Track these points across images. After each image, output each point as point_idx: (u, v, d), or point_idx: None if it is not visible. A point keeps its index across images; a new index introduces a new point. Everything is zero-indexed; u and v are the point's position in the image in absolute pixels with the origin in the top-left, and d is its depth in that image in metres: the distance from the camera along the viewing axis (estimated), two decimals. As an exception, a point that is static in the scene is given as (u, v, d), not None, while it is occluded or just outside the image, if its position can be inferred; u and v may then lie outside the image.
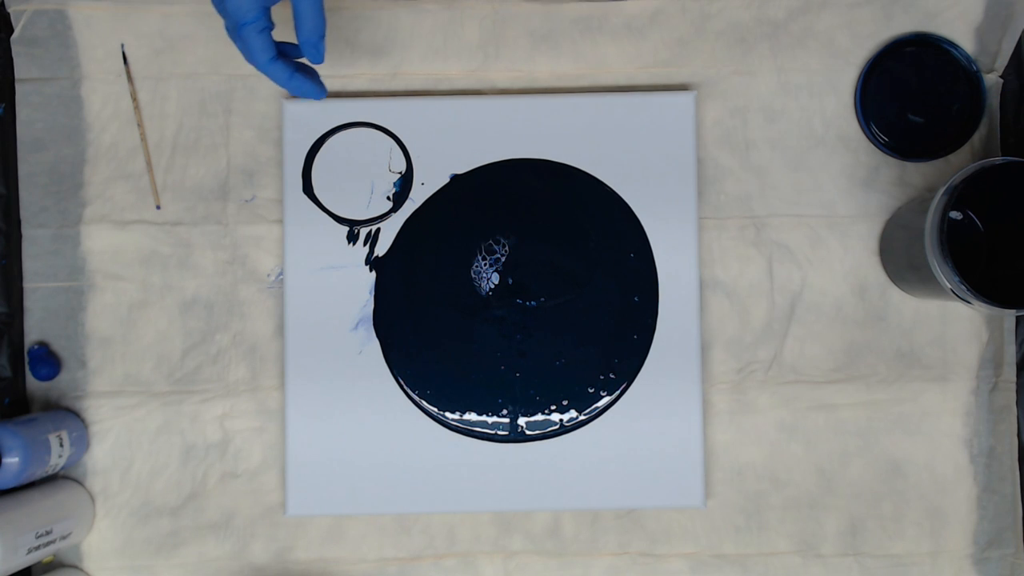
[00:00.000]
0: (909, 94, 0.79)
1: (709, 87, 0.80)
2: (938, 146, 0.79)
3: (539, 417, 0.78)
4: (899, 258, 0.76)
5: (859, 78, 0.79)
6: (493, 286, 0.78)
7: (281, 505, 0.79)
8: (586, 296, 0.78)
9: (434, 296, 0.78)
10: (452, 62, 0.80)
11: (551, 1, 0.79)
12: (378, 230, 0.79)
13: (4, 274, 0.78)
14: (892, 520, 0.79)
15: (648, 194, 0.78)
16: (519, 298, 0.78)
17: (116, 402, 0.79)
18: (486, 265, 0.78)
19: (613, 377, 0.78)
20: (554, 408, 0.78)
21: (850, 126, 0.80)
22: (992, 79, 0.79)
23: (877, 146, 0.79)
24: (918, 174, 0.79)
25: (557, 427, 0.78)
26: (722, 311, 0.79)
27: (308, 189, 0.78)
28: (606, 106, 0.78)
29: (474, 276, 0.78)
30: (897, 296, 0.79)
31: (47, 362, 0.78)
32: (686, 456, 0.77)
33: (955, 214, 0.78)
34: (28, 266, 0.79)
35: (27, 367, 0.79)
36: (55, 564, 0.78)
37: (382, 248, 0.78)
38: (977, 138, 0.79)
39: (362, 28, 0.79)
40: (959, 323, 0.79)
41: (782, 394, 0.79)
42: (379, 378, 0.78)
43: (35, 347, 0.78)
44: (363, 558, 0.79)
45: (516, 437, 0.78)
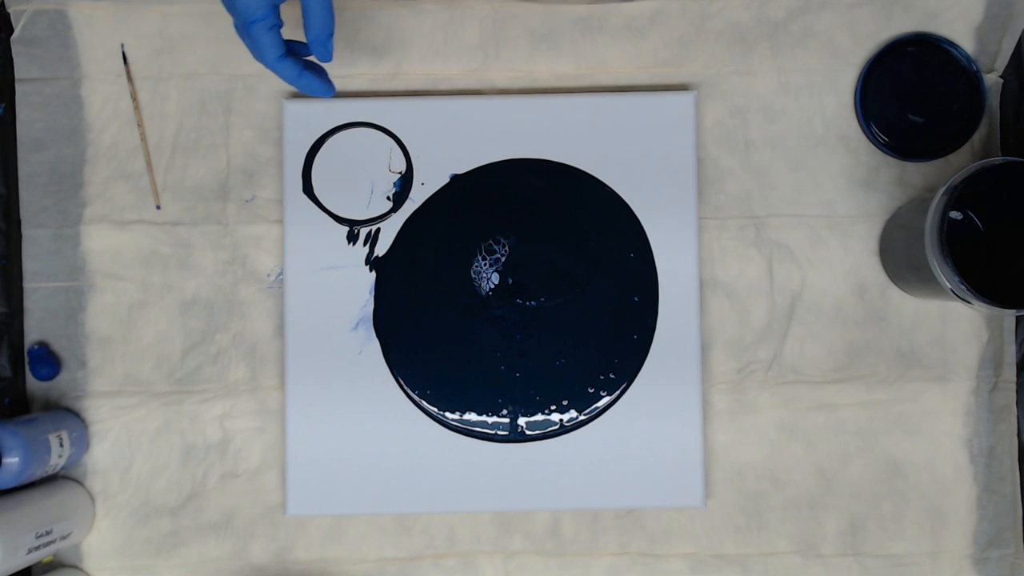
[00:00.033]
0: (909, 94, 0.79)
1: (709, 87, 0.80)
2: (938, 146, 0.79)
3: (539, 417, 0.78)
4: (899, 258, 0.76)
5: (859, 78, 0.79)
6: (493, 286, 0.78)
7: (281, 505, 0.79)
8: (586, 296, 0.78)
9: (434, 296, 0.78)
10: (452, 62, 0.80)
11: (551, 1, 0.79)
12: (378, 230, 0.79)
13: (4, 274, 0.78)
14: (892, 520, 0.79)
15: (648, 194, 0.78)
16: (519, 298, 0.78)
17: (116, 402, 0.79)
18: (486, 265, 0.78)
19: (613, 377, 0.78)
20: (554, 408, 0.78)
21: (850, 126, 0.79)
22: (992, 79, 0.79)
23: (877, 146, 0.79)
24: (918, 174, 0.79)
25: (557, 427, 0.78)
26: (722, 311, 0.79)
27: (308, 189, 0.78)
28: (606, 106, 0.78)
29: (474, 276, 0.78)
30: (897, 296, 0.79)
31: (47, 362, 0.78)
32: (686, 456, 0.77)
33: (955, 214, 0.78)
34: (28, 266, 0.79)
35: (27, 367, 0.79)
36: (55, 564, 0.78)
37: (382, 248, 0.78)
38: (977, 138, 0.79)
39: (362, 28, 0.79)
40: (959, 323, 0.79)
41: (782, 394, 0.79)
42: (379, 378, 0.78)
43: (35, 347, 0.78)
44: (363, 558, 0.79)
45: (516, 437, 0.78)
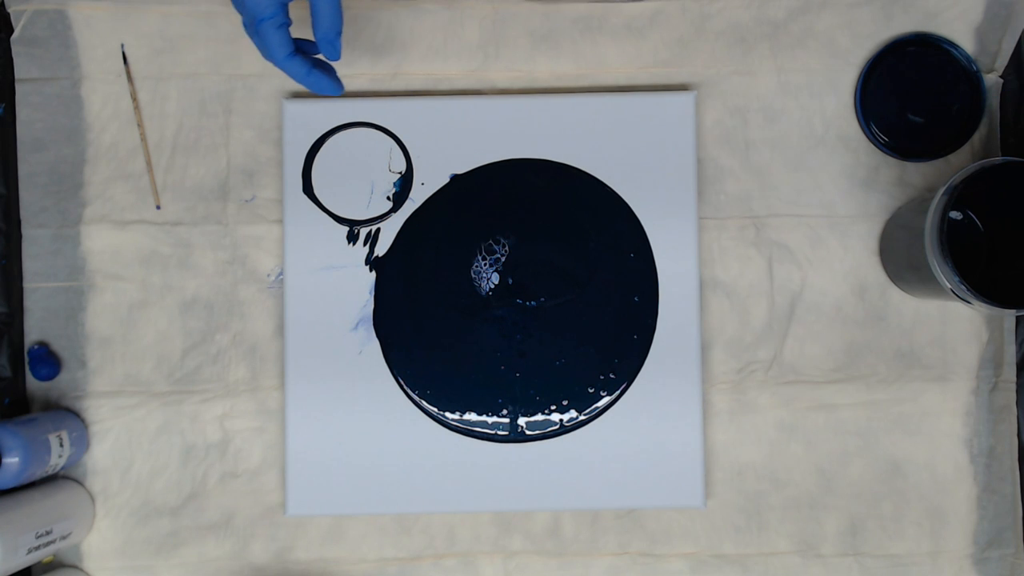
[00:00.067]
0: (909, 94, 0.79)
1: (709, 87, 0.80)
2: (938, 146, 0.79)
3: (539, 417, 0.78)
4: (899, 258, 0.76)
5: (859, 78, 0.79)
6: (493, 286, 0.78)
7: (281, 505, 0.79)
8: (586, 296, 0.78)
9: (434, 296, 0.78)
10: (452, 62, 0.80)
11: (551, 1, 0.79)
12: (378, 230, 0.79)
13: (4, 274, 0.78)
14: (892, 520, 0.79)
15: (648, 194, 0.78)
16: (519, 298, 0.78)
17: (116, 402, 0.79)
18: (486, 265, 0.78)
19: (613, 377, 0.78)
20: (554, 408, 0.78)
21: (850, 126, 0.79)
22: (992, 79, 0.79)
23: (877, 146, 0.79)
24: (918, 174, 0.79)
25: (557, 427, 0.78)
26: (722, 311, 0.79)
27: (308, 189, 0.78)
28: (606, 106, 0.78)
29: (474, 276, 0.78)
30: (897, 296, 0.79)
31: (47, 362, 0.78)
32: (686, 456, 0.77)
33: (955, 214, 0.78)
34: (28, 266, 0.79)
35: (27, 367, 0.79)
36: (55, 564, 0.78)
37: (382, 248, 0.78)
38: (977, 138, 0.79)
39: (362, 28, 0.79)
40: (959, 323, 0.79)
41: (782, 394, 0.79)
42: (379, 378, 0.78)
43: (35, 347, 0.78)
44: (363, 558, 0.79)
45: (516, 437, 0.78)
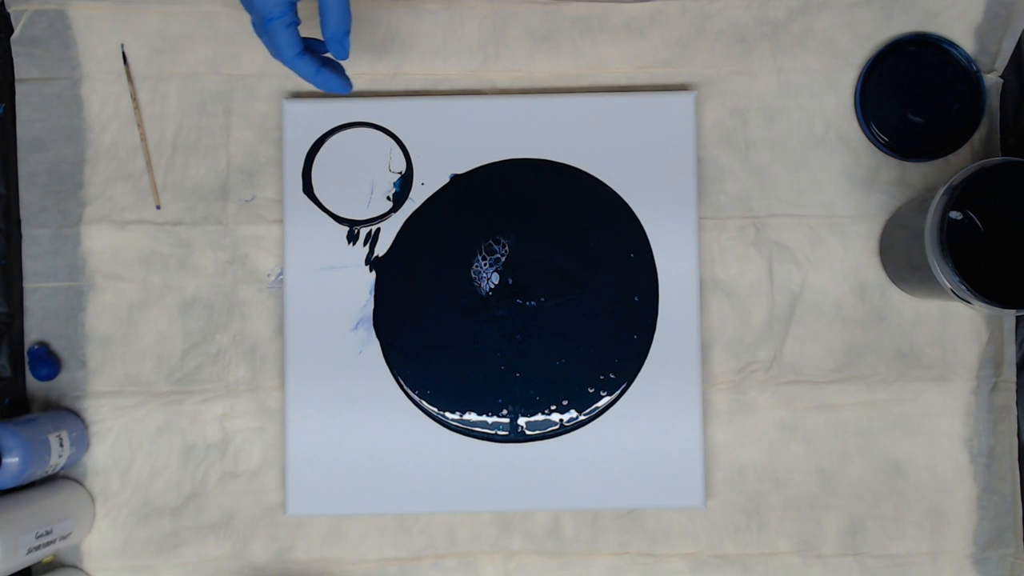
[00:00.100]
0: (909, 94, 0.79)
1: (709, 87, 0.80)
2: (938, 146, 0.79)
3: (539, 417, 0.78)
4: (899, 258, 0.76)
5: (859, 78, 0.79)
6: (493, 286, 0.78)
7: (281, 505, 0.79)
8: (586, 296, 0.78)
9: (434, 296, 0.78)
10: (452, 62, 0.80)
11: (551, 1, 0.79)
12: (378, 230, 0.79)
13: (4, 274, 0.78)
14: (892, 520, 0.79)
15: (648, 194, 0.78)
16: (519, 298, 0.78)
17: (116, 402, 0.79)
18: (486, 265, 0.78)
19: (613, 377, 0.78)
20: (554, 408, 0.78)
21: (850, 126, 0.79)
22: (992, 79, 0.79)
23: (877, 146, 0.79)
24: (918, 174, 0.79)
25: (557, 427, 0.78)
26: (722, 311, 0.79)
27: (308, 189, 0.78)
28: (606, 106, 0.78)
29: (474, 276, 0.78)
30: (897, 296, 0.79)
31: (47, 362, 0.78)
32: (686, 456, 0.77)
33: (955, 214, 0.78)
34: (28, 266, 0.79)
35: (27, 367, 0.79)
36: (55, 564, 0.78)
37: (382, 248, 0.78)
38: (977, 138, 0.79)
39: (362, 28, 0.79)
40: (959, 323, 0.79)
41: (782, 394, 0.79)
42: (379, 378, 0.78)
43: (35, 347, 0.78)
44: (363, 558, 0.79)
45: (516, 437, 0.78)
